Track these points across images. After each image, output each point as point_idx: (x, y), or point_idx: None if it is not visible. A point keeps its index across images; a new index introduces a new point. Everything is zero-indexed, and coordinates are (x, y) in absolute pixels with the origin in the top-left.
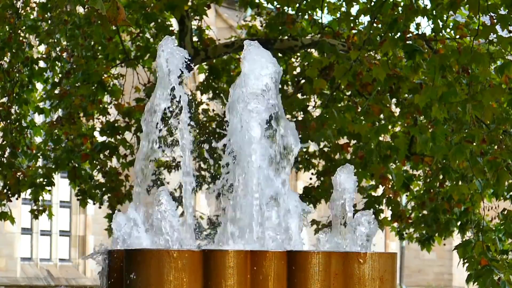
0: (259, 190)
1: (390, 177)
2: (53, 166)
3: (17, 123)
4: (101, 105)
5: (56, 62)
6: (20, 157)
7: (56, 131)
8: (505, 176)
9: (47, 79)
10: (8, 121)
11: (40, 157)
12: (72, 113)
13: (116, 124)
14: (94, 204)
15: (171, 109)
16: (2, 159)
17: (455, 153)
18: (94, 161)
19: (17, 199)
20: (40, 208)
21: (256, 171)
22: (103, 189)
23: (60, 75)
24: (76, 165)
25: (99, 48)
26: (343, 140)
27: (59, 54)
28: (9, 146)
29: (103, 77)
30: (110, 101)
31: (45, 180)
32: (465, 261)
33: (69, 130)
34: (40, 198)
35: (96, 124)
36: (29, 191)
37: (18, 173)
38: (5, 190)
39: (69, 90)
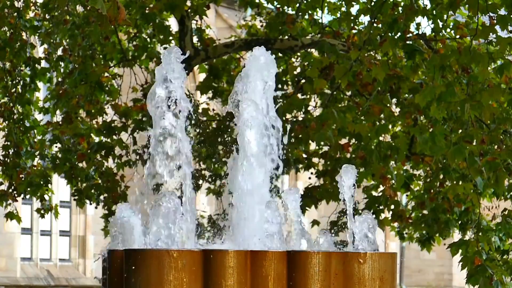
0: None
1: (390, 177)
2: (51, 166)
3: (20, 123)
4: (98, 105)
5: (59, 62)
6: (23, 157)
7: (54, 131)
8: (504, 176)
9: (50, 79)
10: (11, 120)
11: (37, 156)
12: (69, 113)
13: (112, 125)
14: (90, 204)
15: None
16: (6, 159)
17: (453, 153)
18: (91, 161)
19: (23, 198)
20: (46, 207)
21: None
22: (102, 189)
23: (63, 75)
24: (73, 165)
25: (97, 48)
26: (343, 140)
27: (61, 54)
28: (12, 146)
29: (101, 77)
30: (107, 101)
31: (42, 179)
32: (460, 260)
33: (66, 130)
34: (46, 197)
35: (93, 124)
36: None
37: (23, 173)
38: (10, 190)
39: (67, 89)
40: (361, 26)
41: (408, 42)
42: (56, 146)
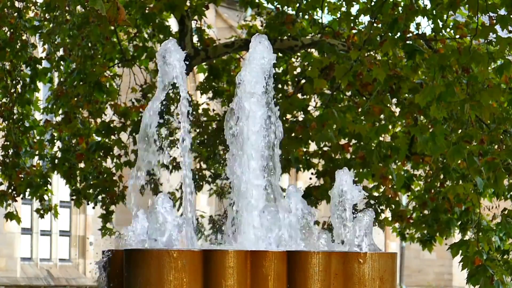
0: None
1: (391, 177)
2: (50, 166)
3: (19, 123)
4: (97, 105)
5: (60, 62)
6: (23, 157)
7: (54, 131)
8: (503, 176)
9: (51, 79)
10: (11, 120)
11: (37, 156)
12: (68, 113)
13: (111, 125)
14: (88, 204)
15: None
16: (6, 159)
17: (453, 153)
18: (89, 161)
19: (22, 198)
20: (46, 207)
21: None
22: (98, 189)
23: (65, 75)
24: (72, 165)
25: (99, 48)
26: (343, 140)
27: (63, 54)
28: (12, 147)
29: (100, 77)
30: (106, 101)
31: (42, 180)
32: (461, 260)
33: (64, 130)
34: (46, 197)
35: (92, 124)
36: (27, 191)
37: (23, 173)
38: (10, 190)
39: (66, 89)
40: (361, 26)
41: (408, 42)
42: (57, 146)
